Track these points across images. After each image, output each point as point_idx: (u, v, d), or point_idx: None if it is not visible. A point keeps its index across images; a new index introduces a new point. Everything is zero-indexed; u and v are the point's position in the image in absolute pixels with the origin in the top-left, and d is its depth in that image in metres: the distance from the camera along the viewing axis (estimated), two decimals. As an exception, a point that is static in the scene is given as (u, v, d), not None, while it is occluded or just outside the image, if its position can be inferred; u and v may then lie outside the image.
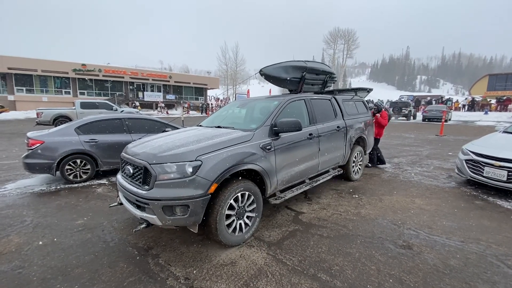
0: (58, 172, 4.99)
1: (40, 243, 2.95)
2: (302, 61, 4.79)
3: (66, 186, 4.99)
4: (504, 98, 31.81)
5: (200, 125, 4.06)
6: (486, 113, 27.05)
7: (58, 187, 4.94)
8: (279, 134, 3.31)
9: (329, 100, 4.71)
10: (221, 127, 3.56)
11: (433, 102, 34.71)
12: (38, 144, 4.84)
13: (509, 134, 5.00)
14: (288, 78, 4.56)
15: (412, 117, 24.86)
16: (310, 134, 3.80)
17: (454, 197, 4.39)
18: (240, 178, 2.88)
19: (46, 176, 5.55)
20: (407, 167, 6.42)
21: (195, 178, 2.44)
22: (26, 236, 3.11)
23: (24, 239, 3.05)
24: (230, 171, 2.63)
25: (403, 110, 24.05)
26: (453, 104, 34.16)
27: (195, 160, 2.49)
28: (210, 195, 2.50)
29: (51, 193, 4.64)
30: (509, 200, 4.15)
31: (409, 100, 33.03)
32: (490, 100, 33.53)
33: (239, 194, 2.78)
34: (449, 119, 22.66)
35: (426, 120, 22.56)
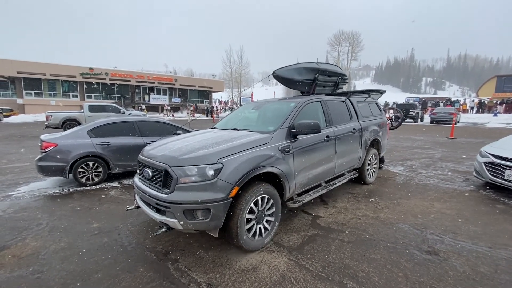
0: (71, 175, 4.99)
1: (57, 247, 2.92)
2: (315, 62, 4.74)
3: (79, 188, 4.98)
4: (511, 100, 31.35)
5: (215, 128, 4.02)
6: (495, 115, 26.63)
7: (71, 190, 4.94)
8: (297, 136, 3.25)
9: (344, 101, 4.64)
10: (237, 130, 3.51)
11: (441, 104, 34.30)
12: (51, 147, 4.85)
13: (529, 136, 4.87)
14: (301, 80, 4.51)
15: (419, 119, 24.58)
16: (327, 137, 3.73)
17: (474, 201, 4.27)
18: (259, 181, 2.82)
19: (58, 179, 5.56)
20: (421, 170, 6.29)
21: (217, 181, 2.39)
22: (43, 239, 3.09)
23: (41, 242, 3.02)
24: (251, 174, 2.58)
25: (410, 112, 23.77)
26: (461, 106, 33.73)
27: (216, 163, 2.44)
28: (231, 199, 2.45)
29: (64, 196, 4.63)
30: (533, 204, 4.02)
31: (416, 102, 32.69)
32: (497, 102, 33.01)
33: (259, 198, 2.72)
34: (458, 121, 22.34)
35: (434, 122, 22.29)
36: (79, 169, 5.01)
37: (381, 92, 5.83)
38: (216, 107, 41.03)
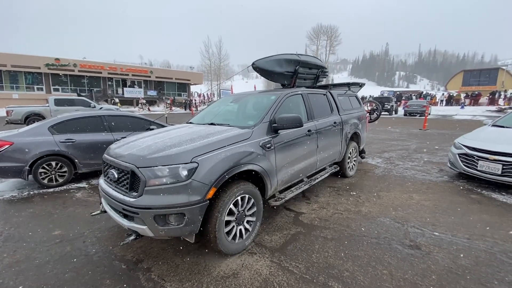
0: (30, 176, 4.51)
1: (12, 259, 2.57)
2: (295, 54, 4.59)
3: (41, 191, 4.52)
4: (476, 93, 33.42)
5: (191, 122, 3.76)
6: (462, 107, 28.25)
7: (32, 192, 4.47)
8: (278, 131, 3.09)
9: (325, 94, 4.54)
10: (214, 124, 3.28)
11: (413, 97, 35.81)
12: (6, 146, 4.34)
13: (499, 128, 5.06)
14: (281, 72, 4.34)
15: (394, 112, 25.46)
16: (309, 131, 3.61)
17: (450, 191, 4.37)
18: (238, 179, 2.64)
19: (18, 181, 5.03)
20: (398, 161, 6.41)
21: (191, 182, 2.16)
22: (-6, 252, 2.72)
23: (-9, 255, 2.65)
24: (230, 173, 2.38)
25: (385, 105, 24.52)
26: (431, 99, 35.41)
27: (191, 162, 2.21)
28: (208, 201, 2.24)
29: (24, 199, 4.18)
30: (503, 194, 4.18)
31: (391, 96, 33.88)
32: (464, 95, 35.01)
33: (238, 198, 2.54)
34: (429, 114, 23.39)
35: (408, 114, 23.20)
36: (40, 170, 4.53)
37: (361, 85, 5.82)
38: (195, 100, 40.01)
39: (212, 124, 3.33)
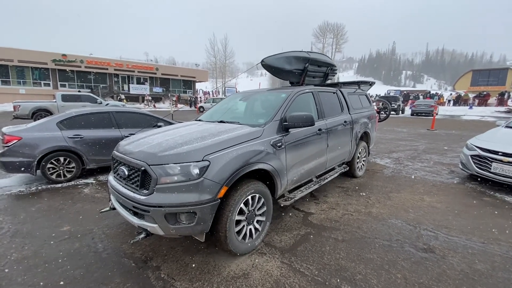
0: (39, 171, 4.53)
1: (20, 255, 2.57)
2: (305, 51, 4.51)
3: (49, 186, 4.54)
4: (484, 93, 32.84)
5: (200, 120, 3.71)
6: (470, 107, 27.81)
7: (40, 187, 4.48)
8: (289, 130, 3.03)
9: (335, 93, 4.46)
10: (224, 122, 3.24)
11: (420, 97, 35.38)
12: (15, 141, 4.35)
13: (513, 129, 4.94)
14: (290, 70, 4.28)
15: (400, 111, 25.17)
16: (319, 130, 3.55)
17: (462, 193, 4.28)
18: (249, 178, 2.59)
19: (25, 176, 5.05)
20: (407, 162, 6.31)
21: (203, 181, 2.12)
22: (3, 247, 2.71)
23: (1, 251, 2.65)
24: (242, 172, 2.33)
25: (392, 105, 24.23)
26: (439, 98, 34.94)
27: (202, 160, 2.17)
28: (219, 200, 2.20)
29: (32, 194, 4.19)
30: (517, 197, 4.07)
31: (397, 95, 33.49)
32: (475, 95, 34.44)
33: (249, 197, 2.50)
34: (437, 114, 23.06)
35: (415, 114, 22.91)
36: (49, 165, 4.54)
37: (371, 84, 5.73)
38: (200, 97, 40.05)
39: (222, 122, 3.28)
